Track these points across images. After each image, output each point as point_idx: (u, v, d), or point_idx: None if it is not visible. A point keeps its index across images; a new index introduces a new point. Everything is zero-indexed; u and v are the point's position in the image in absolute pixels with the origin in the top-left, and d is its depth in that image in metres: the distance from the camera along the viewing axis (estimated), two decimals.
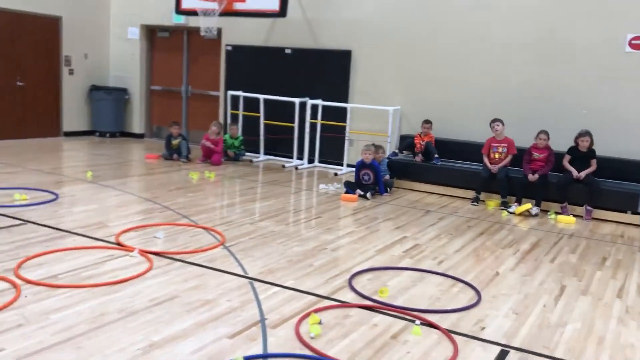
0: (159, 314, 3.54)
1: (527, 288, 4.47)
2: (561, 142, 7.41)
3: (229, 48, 10.48)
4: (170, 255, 4.64)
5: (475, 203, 7.47)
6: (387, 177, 7.96)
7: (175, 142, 9.45)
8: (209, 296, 3.87)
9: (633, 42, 7.49)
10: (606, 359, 3.36)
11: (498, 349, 3.38)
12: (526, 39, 8.11)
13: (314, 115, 9.41)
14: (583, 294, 4.42)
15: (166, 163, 9.11)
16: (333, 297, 4.00)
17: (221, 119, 10.53)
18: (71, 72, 11.15)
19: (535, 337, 3.58)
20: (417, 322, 3.61)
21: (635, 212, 6.84)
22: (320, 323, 3.50)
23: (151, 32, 11.65)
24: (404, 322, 3.65)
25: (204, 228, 5.51)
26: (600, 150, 7.25)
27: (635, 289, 4.61)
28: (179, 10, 10.00)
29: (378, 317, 3.72)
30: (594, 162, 7.14)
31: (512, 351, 3.36)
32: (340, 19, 9.42)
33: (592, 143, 7.17)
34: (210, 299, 3.81)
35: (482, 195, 7.56)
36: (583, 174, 7.04)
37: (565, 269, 5.03)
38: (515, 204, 7.20)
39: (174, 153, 9.37)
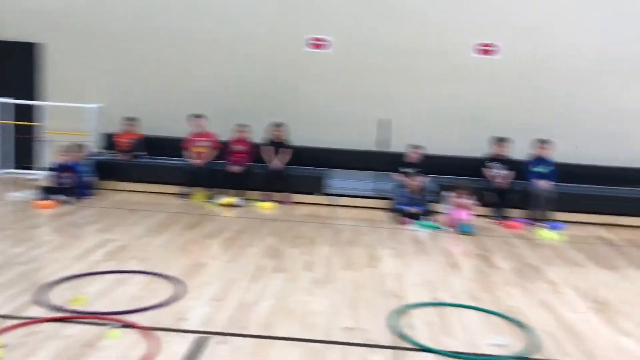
0: None
1: (230, 274, 4.69)
2: (262, 135, 7.97)
3: None
4: None
5: (182, 198, 7.54)
6: (90, 178, 7.51)
7: None
8: None
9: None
10: (296, 326, 3.73)
11: (198, 336, 3.48)
12: (224, 38, 8.43)
13: (1, 116, 8.34)
14: (279, 271, 4.82)
15: None
16: (19, 315, 3.62)
17: None
18: None
19: (233, 319, 3.78)
20: (110, 325, 3.50)
21: (322, 193, 7.74)
22: (3, 346, 3.13)
23: None
24: (100, 328, 3.49)
25: None
26: (296, 140, 7.97)
27: (322, 262, 5.20)
28: None
29: (73, 328, 3.48)
30: (287, 150, 7.81)
31: (211, 336, 3.49)
32: (25, 8, 8.48)
33: (285, 134, 7.87)
34: None
35: (189, 189, 7.66)
36: (278, 162, 7.68)
37: (265, 251, 5.42)
38: (221, 195, 7.48)
39: None
